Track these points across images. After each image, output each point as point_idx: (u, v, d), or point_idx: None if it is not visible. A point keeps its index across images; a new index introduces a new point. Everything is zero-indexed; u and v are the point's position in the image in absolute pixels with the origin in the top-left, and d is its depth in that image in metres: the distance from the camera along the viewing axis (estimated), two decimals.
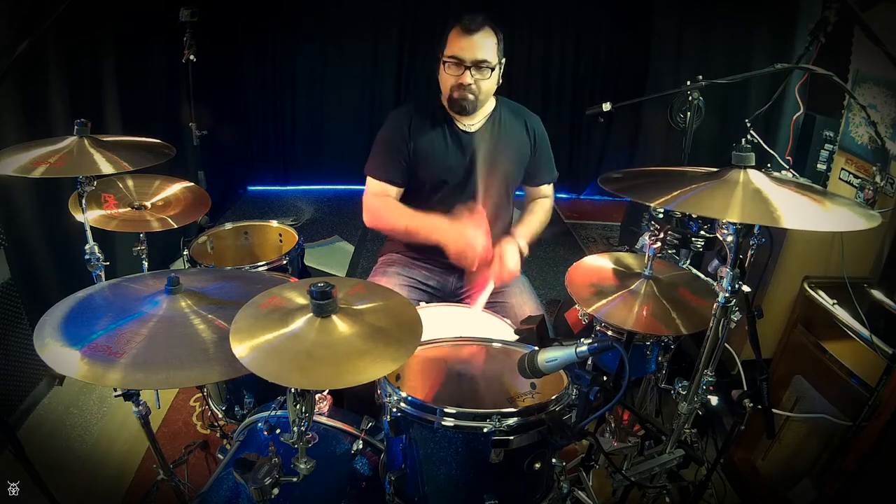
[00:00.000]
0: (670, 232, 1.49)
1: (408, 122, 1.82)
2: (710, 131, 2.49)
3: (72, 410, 2.23)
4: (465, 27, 1.70)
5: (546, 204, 2.04)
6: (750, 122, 2.02)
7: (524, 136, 1.91)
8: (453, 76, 1.74)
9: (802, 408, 1.80)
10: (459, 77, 1.73)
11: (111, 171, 1.37)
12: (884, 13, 1.67)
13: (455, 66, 1.73)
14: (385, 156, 1.84)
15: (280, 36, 4.40)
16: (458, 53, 1.71)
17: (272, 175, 4.87)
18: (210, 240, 1.95)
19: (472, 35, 1.70)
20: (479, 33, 1.70)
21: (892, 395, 1.44)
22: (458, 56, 1.71)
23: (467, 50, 1.70)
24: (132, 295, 1.12)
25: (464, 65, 1.72)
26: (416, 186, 1.86)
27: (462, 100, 1.75)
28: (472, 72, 1.72)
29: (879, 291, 1.66)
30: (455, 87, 1.74)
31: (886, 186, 1.80)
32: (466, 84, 1.73)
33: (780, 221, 0.96)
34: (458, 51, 1.71)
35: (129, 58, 2.78)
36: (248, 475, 1.00)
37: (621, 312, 1.35)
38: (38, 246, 2.24)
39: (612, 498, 1.70)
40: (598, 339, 1.07)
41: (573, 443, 1.64)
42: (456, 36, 1.72)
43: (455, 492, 1.14)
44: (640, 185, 1.25)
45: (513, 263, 1.73)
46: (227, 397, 1.67)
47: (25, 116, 2.13)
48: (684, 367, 1.63)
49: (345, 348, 0.95)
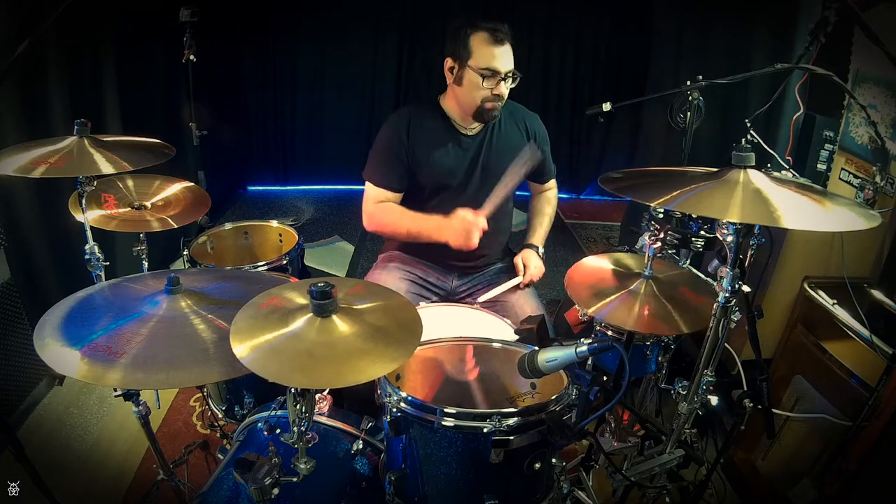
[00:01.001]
0: (670, 232, 1.49)
1: (406, 126, 1.80)
2: (710, 131, 2.49)
3: (72, 410, 2.23)
4: (495, 37, 1.67)
5: (550, 196, 2.09)
6: (750, 122, 2.01)
7: (523, 137, 1.90)
8: (488, 88, 1.69)
9: (802, 408, 1.80)
10: (495, 89, 1.69)
11: (111, 171, 1.37)
12: (884, 13, 1.67)
13: (491, 77, 1.68)
14: (383, 162, 1.83)
15: (280, 36, 4.40)
16: (495, 65, 1.67)
17: (272, 175, 4.87)
18: (210, 240, 1.95)
19: (504, 45, 1.68)
20: (508, 43, 1.68)
21: (892, 395, 1.44)
22: (495, 68, 1.67)
23: (503, 61, 1.67)
24: (132, 295, 1.12)
25: (499, 76, 1.68)
26: (416, 190, 1.86)
27: (494, 110, 1.74)
28: (507, 82, 1.71)
29: (879, 291, 1.66)
30: (489, 98, 1.71)
31: (886, 186, 1.80)
32: (503, 95, 1.72)
33: (780, 221, 0.96)
34: (493, 62, 1.67)
35: (129, 58, 2.78)
36: (248, 475, 1.00)
37: (621, 312, 1.35)
38: (38, 246, 2.24)
39: (612, 498, 1.70)
40: (598, 339, 1.08)
41: (573, 443, 1.64)
42: (486, 45, 1.67)
43: (455, 492, 1.14)
44: (640, 185, 1.25)
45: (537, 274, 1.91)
46: (227, 397, 1.67)
47: (25, 116, 2.13)
48: (684, 367, 1.63)
49: (345, 348, 0.96)
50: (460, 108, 1.80)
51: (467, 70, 1.70)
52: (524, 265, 1.91)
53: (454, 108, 1.82)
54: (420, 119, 1.82)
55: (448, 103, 1.83)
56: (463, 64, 1.71)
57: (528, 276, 1.89)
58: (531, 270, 1.90)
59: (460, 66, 1.72)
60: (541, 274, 1.92)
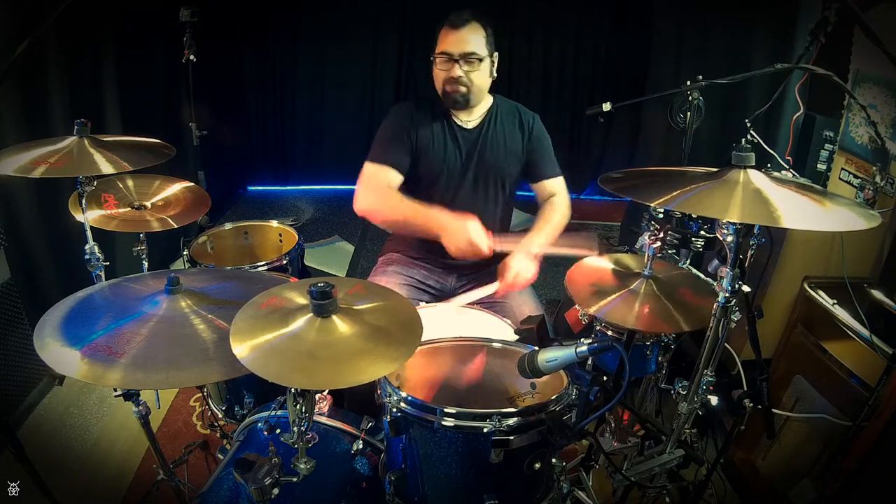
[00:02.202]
0: (670, 232, 1.49)
1: (411, 113, 1.87)
2: (710, 131, 2.49)
3: (72, 410, 2.23)
4: (451, 24, 1.77)
5: (558, 203, 1.97)
6: (750, 122, 2.01)
7: (518, 133, 1.92)
8: (444, 70, 1.80)
9: (802, 408, 1.80)
10: (449, 71, 1.78)
11: (111, 171, 1.37)
12: (884, 13, 1.67)
13: (445, 60, 1.79)
14: (389, 140, 1.86)
15: (280, 36, 4.40)
16: (447, 48, 1.77)
17: (272, 175, 4.86)
18: (210, 240, 1.95)
19: (459, 30, 1.76)
20: (465, 28, 1.76)
21: (892, 395, 1.44)
22: (447, 51, 1.77)
23: (455, 44, 1.76)
24: (132, 295, 1.12)
25: (452, 58, 1.77)
26: (413, 179, 1.88)
27: (454, 93, 1.80)
28: (462, 64, 1.77)
29: (879, 291, 1.66)
30: (447, 80, 1.80)
31: (886, 186, 1.80)
32: (456, 77, 1.78)
33: (780, 221, 0.96)
34: (446, 46, 1.78)
35: (129, 58, 2.78)
36: (248, 475, 1.00)
37: (621, 312, 1.36)
38: (38, 246, 2.24)
39: (612, 498, 1.70)
40: (598, 339, 1.07)
41: (573, 443, 1.64)
42: (444, 33, 1.78)
43: (455, 492, 1.14)
44: (639, 185, 1.25)
45: (521, 275, 1.71)
46: (227, 397, 1.67)
47: (25, 116, 2.13)
48: (684, 367, 1.63)
49: (345, 348, 0.95)
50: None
51: (434, 59, 1.82)
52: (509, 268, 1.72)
53: None
54: (423, 109, 1.89)
55: None
56: (433, 54, 1.82)
57: (504, 284, 1.71)
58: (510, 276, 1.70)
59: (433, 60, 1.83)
60: (526, 279, 1.73)
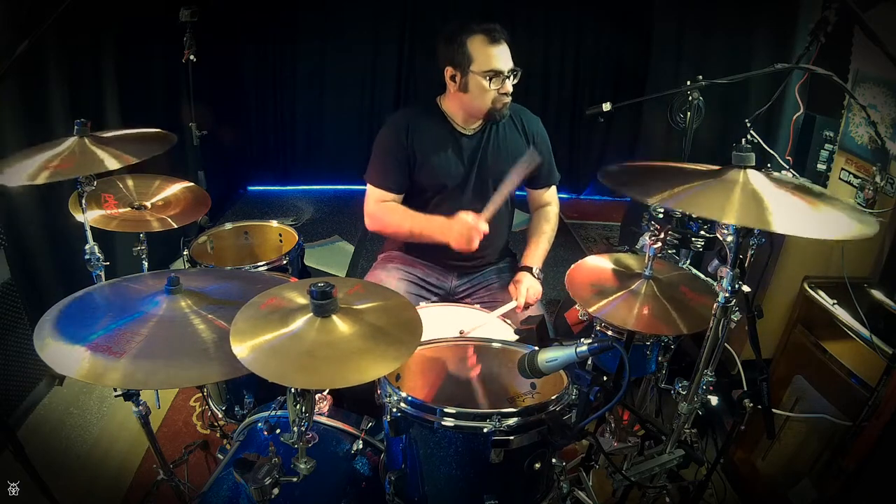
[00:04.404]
0: (670, 232, 1.49)
1: (405, 128, 1.81)
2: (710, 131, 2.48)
3: (72, 410, 2.23)
4: (492, 38, 1.69)
5: (550, 214, 2.00)
6: (750, 122, 2.01)
7: (521, 139, 1.90)
8: (495, 89, 1.72)
9: (802, 408, 1.80)
10: (502, 88, 1.72)
11: (116, 165, 1.36)
12: (884, 13, 1.66)
13: (496, 78, 1.71)
14: (384, 163, 1.83)
15: (280, 36, 4.39)
16: (497, 66, 1.70)
17: (272, 175, 4.86)
18: (210, 240, 1.95)
19: (502, 44, 1.70)
20: (504, 41, 1.71)
21: (892, 395, 1.44)
22: (498, 68, 1.70)
23: (503, 60, 1.70)
24: (132, 295, 1.12)
25: (503, 75, 1.71)
26: (416, 191, 1.87)
27: (505, 108, 1.77)
28: (512, 79, 1.73)
29: (879, 291, 1.66)
30: (498, 98, 1.74)
31: (886, 186, 1.80)
32: (509, 92, 1.74)
33: (772, 226, 0.95)
34: (495, 63, 1.70)
35: (129, 58, 2.78)
36: (248, 475, 1.00)
37: (621, 312, 1.35)
38: (38, 246, 2.24)
39: (612, 498, 1.70)
40: (598, 339, 1.08)
41: (573, 443, 1.64)
42: (485, 48, 1.69)
43: (455, 492, 1.14)
44: (638, 182, 1.24)
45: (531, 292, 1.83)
46: (227, 397, 1.67)
47: (25, 116, 2.12)
48: (684, 367, 1.63)
49: (345, 348, 0.96)
50: (466, 112, 1.81)
51: (471, 76, 1.71)
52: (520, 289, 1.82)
53: (455, 110, 1.83)
54: (419, 121, 1.83)
55: (448, 105, 1.84)
56: (465, 71, 1.72)
57: (523, 300, 1.80)
58: (522, 293, 1.81)
59: (462, 74, 1.73)
60: (537, 296, 1.85)
